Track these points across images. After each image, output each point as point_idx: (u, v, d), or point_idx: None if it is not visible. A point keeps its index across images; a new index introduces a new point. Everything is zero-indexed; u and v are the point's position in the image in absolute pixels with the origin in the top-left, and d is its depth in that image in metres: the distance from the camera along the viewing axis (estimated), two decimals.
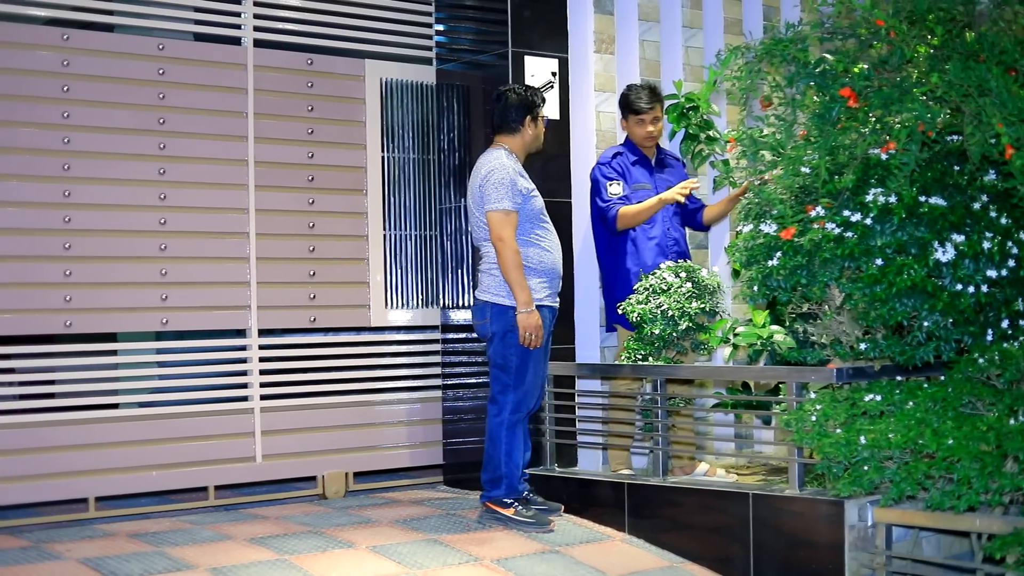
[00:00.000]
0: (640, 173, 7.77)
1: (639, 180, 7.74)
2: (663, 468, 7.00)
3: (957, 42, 6.08)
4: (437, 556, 6.20)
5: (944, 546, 6.31)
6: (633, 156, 7.80)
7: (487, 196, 6.75)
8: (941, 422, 5.78)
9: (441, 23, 8.32)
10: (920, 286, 5.88)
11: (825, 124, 6.13)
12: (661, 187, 7.76)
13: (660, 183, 7.78)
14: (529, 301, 6.74)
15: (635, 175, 7.75)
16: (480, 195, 6.80)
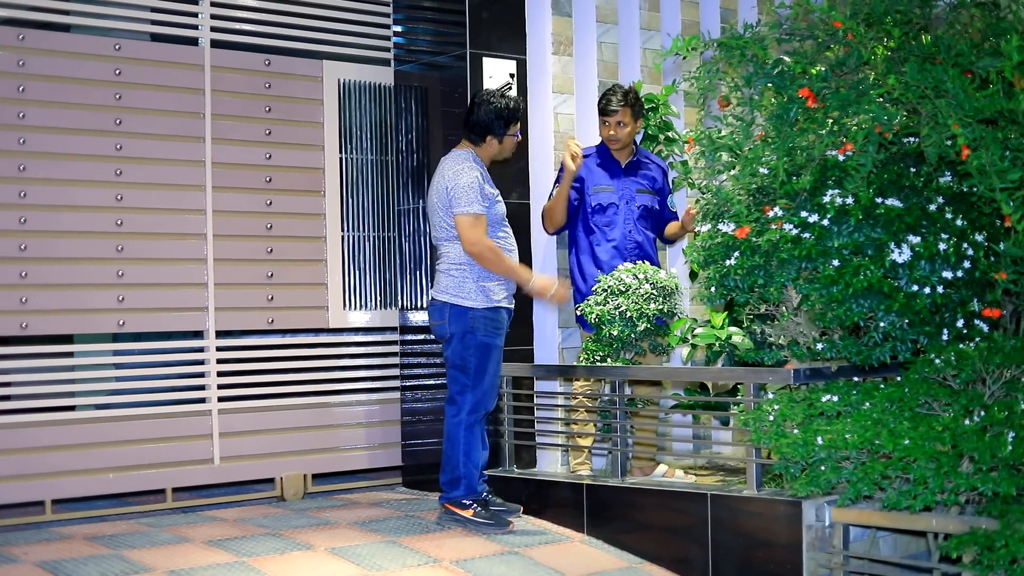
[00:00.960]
0: (602, 176, 7.78)
1: (600, 182, 7.75)
2: (622, 469, 7.01)
3: (914, 44, 6.11)
4: (396, 558, 6.19)
5: (901, 546, 6.34)
6: (599, 158, 7.82)
7: (456, 199, 6.75)
8: (897, 422, 5.81)
9: (399, 24, 8.31)
10: (876, 287, 5.91)
11: (783, 125, 6.16)
12: (629, 189, 7.78)
13: (627, 185, 7.79)
14: (529, 275, 6.96)
15: (596, 177, 7.76)
16: (447, 198, 6.79)
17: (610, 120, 7.73)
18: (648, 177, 7.92)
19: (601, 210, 7.74)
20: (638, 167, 7.91)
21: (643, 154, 7.99)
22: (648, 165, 7.98)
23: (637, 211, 7.80)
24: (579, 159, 7.63)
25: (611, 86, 7.89)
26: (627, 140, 7.82)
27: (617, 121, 7.73)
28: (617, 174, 7.82)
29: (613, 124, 7.74)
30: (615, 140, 7.79)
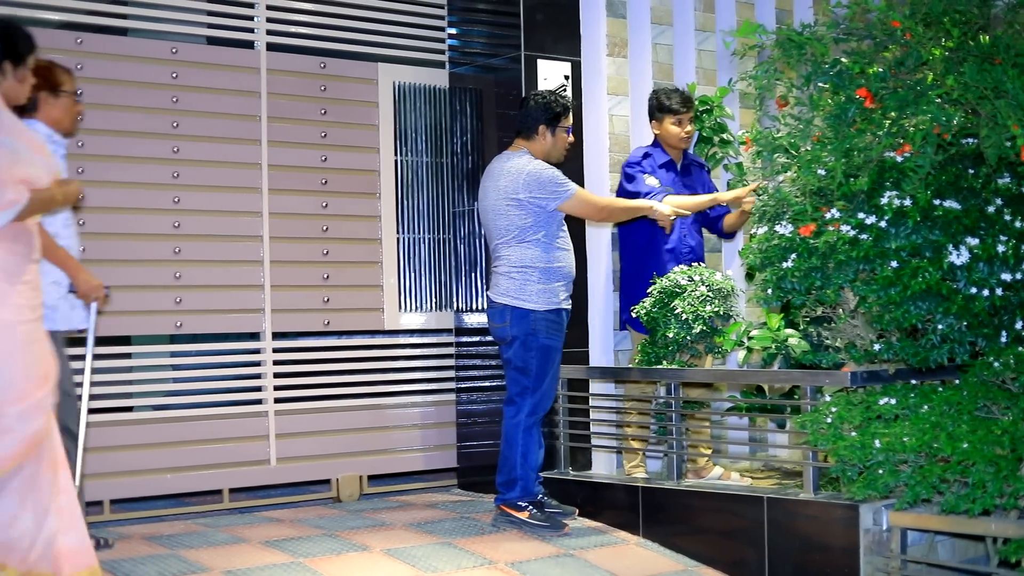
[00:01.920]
0: (665, 176, 7.75)
1: (664, 184, 7.72)
2: (677, 472, 7.00)
3: (972, 44, 6.06)
4: (451, 559, 6.20)
5: (959, 550, 6.29)
6: (661, 159, 7.78)
7: (553, 193, 6.75)
8: (956, 426, 5.76)
9: (454, 27, 8.33)
10: (935, 289, 5.87)
11: (841, 125, 6.12)
12: (684, 192, 7.75)
13: (683, 188, 7.77)
14: (649, 203, 7.17)
15: (660, 178, 7.73)
16: (529, 199, 6.75)
17: (683, 117, 7.71)
18: (698, 179, 7.90)
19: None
20: (689, 169, 7.89)
21: (688, 155, 7.97)
22: (695, 167, 7.95)
23: (692, 214, 7.77)
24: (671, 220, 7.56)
25: (662, 89, 7.87)
26: (691, 138, 7.82)
27: (690, 118, 7.72)
28: (675, 176, 7.78)
29: (687, 121, 7.72)
30: (688, 138, 7.79)
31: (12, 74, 5.13)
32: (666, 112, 7.73)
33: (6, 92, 5.10)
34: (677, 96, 7.73)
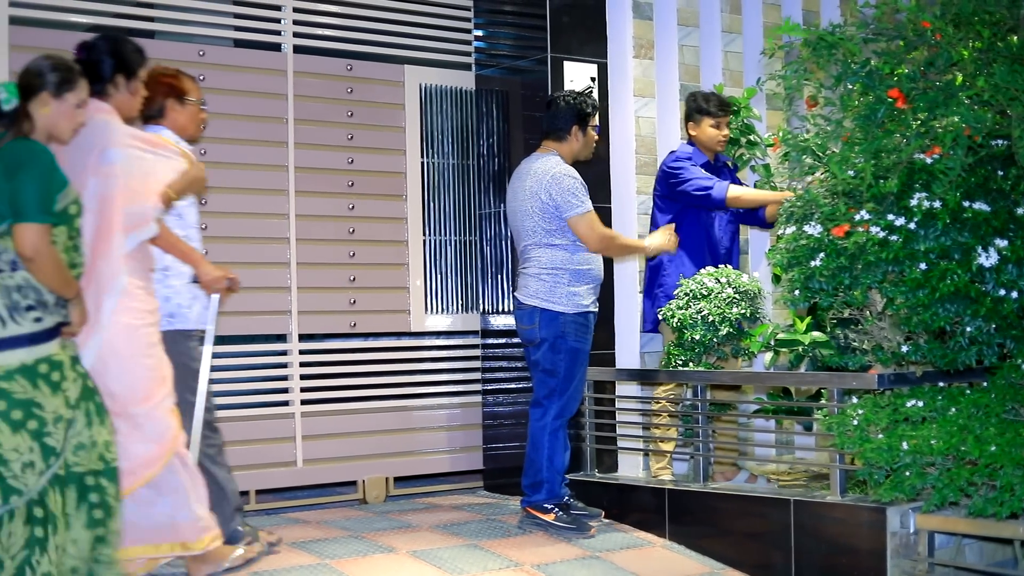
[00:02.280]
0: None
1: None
2: (704, 474, 6.99)
3: (1002, 45, 6.04)
4: (478, 561, 6.20)
5: (987, 553, 6.27)
6: (700, 159, 7.74)
7: (567, 203, 6.75)
8: (984, 428, 5.74)
9: (480, 28, 8.33)
10: (963, 291, 5.85)
11: (870, 126, 6.09)
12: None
13: None
14: (642, 243, 7.30)
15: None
16: (551, 202, 6.77)
17: (722, 121, 7.70)
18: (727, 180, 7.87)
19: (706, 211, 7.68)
20: (721, 170, 7.87)
21: (719, 156, 7.94)
22: (725, 168, 7.93)
23: (727, 215, 7.76)
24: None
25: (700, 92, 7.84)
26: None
27: (727, 122, 7.71)
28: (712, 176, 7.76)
29: (724, 124, 7.71)
30: (724, 141, 7.79)
31: (125, 87, 5.49)
32: (705, 115, 7.70)
33: (119, 105, 5.46)
34: (715, 99, 7.72)
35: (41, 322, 4.63)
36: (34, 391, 4.58)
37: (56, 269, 4.62)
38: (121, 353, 5.27)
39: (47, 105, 4.78)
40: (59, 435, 4.64)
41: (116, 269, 5.26)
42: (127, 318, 5.29)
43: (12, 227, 4.55)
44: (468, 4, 8.33)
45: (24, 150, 4.64)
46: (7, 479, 4.50)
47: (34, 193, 4.55)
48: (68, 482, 4.71)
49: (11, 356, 4.56)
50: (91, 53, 5.46)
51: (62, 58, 4.90)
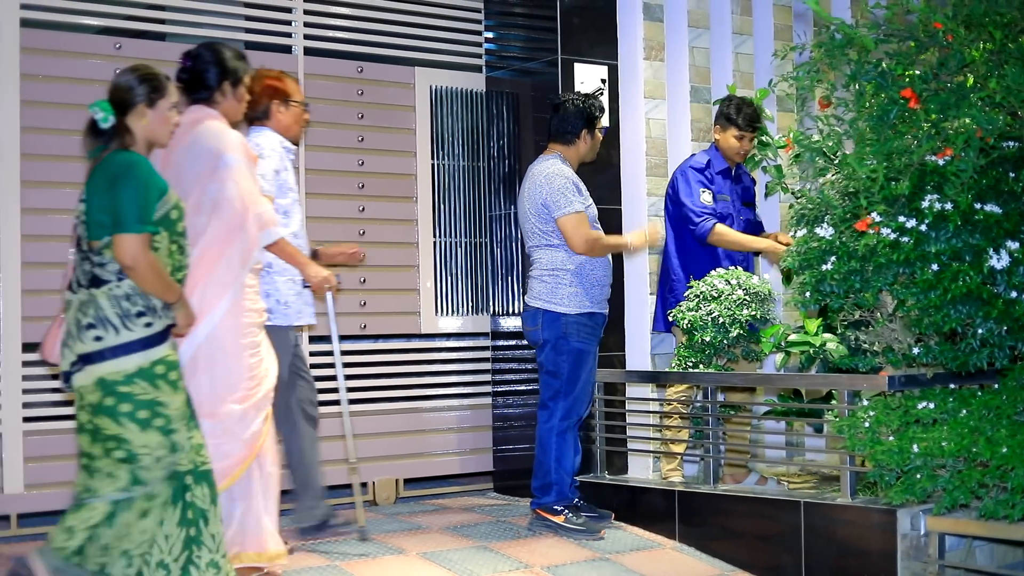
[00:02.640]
0: (724, 184, 7.73)
1: (722, 191, 7.69)
2: (714, 476, 6.98)
3: (1013, 47, 6.03)
4: (487, 563, 6.20)
5: (998, 555, 6.26)
6: (720, 165, 7.74)
7: (555, 203, 6.76)
8: (995, 430, 5.74)
9: (491, 31, 8.34)
10: (975, 293, 5.84)
11: (883, 127, 6.08)
12: (737, 201, 7.74)
13: (736, 196, 7.78)
14: (625, 240, 7.13)
15: (719, 185, 7.69)
16: (541, 204, 6.80)
17: (748, 135, 7.68)
18: (748, 190, 7.88)
19: (720, 219, 7.66)
20: (741, 179, 7.87)
21: (740, 167, 7.93)
22: (745, 177, 7.93)
23: (743, 223, 7.75)
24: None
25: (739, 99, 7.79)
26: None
27: (752, 138, 7.69)
28: (731, 184, 7.76)
29: (749, 139, 7.69)
30: (745, 155, 7.77)
31: (231, 94, 5.75)
32: (732, 124, 7.68)
33: (225, 111, 5.74)
34: (747, 114, 7.67)
35: (152, 327, 4.85)
36: (155, 391, 4.83)
37: (156, 276, 4.83)
38: (227, 349, 5.48)
39: (144, 116, 4.99)
40: (182, 432, 4.92)
41: (234, 270, 5.49)
42: (237, 317, 5.50)
43: (113, 237, 4.78)
44: (479, 6, 8.33)
45: (123, 162, 4.86)
46: (138, 471, 4.82)
47: (132, 204, 4.77)
48: (202, 478, 5.01)
49: (127, 361, 4.79)
50: (197, 62, 5.72)
51: (146, 67, 5.09)
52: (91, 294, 4.82)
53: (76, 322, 4.83)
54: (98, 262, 4.82)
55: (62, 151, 6.77)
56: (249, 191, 5.52)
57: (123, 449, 4.80)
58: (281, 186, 6.31)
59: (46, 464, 6.67)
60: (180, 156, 5.53)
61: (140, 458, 4.80)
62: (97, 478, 4.84)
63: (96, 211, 4.82)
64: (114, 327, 4.79)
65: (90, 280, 4.83)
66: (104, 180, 4.83)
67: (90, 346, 4.79)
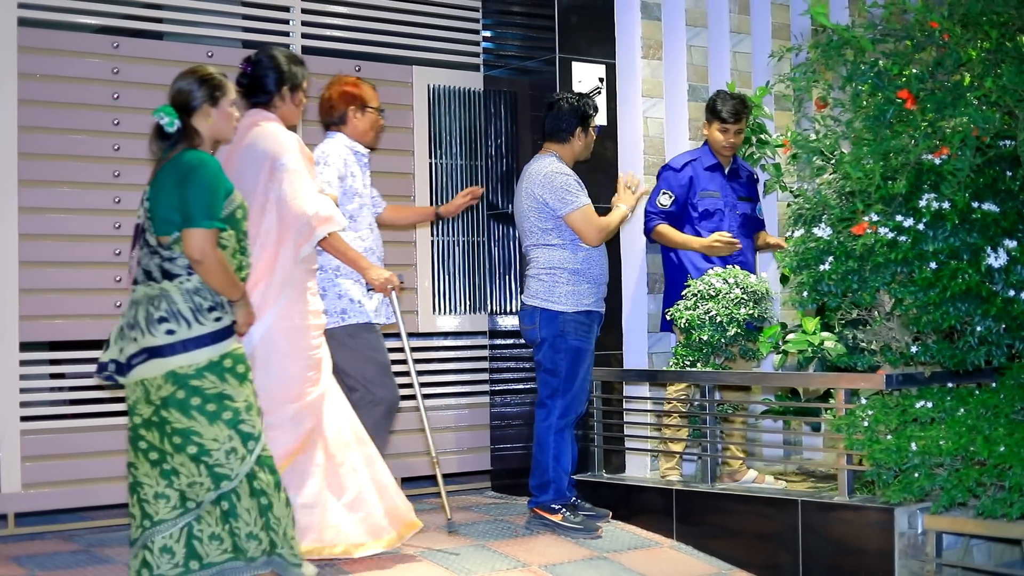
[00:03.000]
0: (711, 180, 7.70)
1: (708, 187, 7.67)
2: (712, 474, 6.98)
3: (1010, 46, 6.03)
4: (485, 562, 6.20)
5: (995, 554, 6.26)
6: (709, 161, 7.74)
7: (562, 200, 6.77)
8: (992, 429, 5.74)
9: (488, 29, 8.33)
10: (973, 291, 5.84)
11: (879, 127, 6.09)
12: (731, 196, 7.72)
13: (730, 192, 7.74)
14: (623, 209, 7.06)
15: (704, 182, 7.68)
16: (545, 202, 6.80)
17: (732, 128, 7.66)
18: (745, 184, 7.86)
19: (708, 216, 7.65)
20: (737, 174, 7.85)
21: (739, 161, 7.93)
22: (743, 172, 7.91)
23: (739, 218, 7.74)
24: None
25: (724, 92, 7.79)
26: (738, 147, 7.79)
27: (738, 130, 7.67)
28: (722, 180, 7.74)
29: (734, 132, 7.67)
30: (732, 148, 7.74)
31: (289, 99, 6.01)
32: (716, 118, 7.69)
33: (283, 116, 5.99)
34: (731, 104, 7.66)
35: (221, 320, 5.04)
36: (223, 384, 5.01)
37: (222, 271, 5.02)
38: (281, 350, 5.68)
39: (209, 116, 5.22)
40: (253, 421, 5.08)
41: (287, 269, 5.69)
42: (291, 319, 5.71)
43: (182, 232, 4.96)
44: (476, 5, 8.33)
45: (192, 160, 5.04)
46: (214, 467, 4.98)
47: (202, 200, 4.96)
48: (266, 462, 5.13)
49: (199, 355, 4.97)
50: (257, 68, 5.98)
51: (203, 68, 5.32)
52: (162, 288, 5.00)
53: (146, 315, 4.98)
54: (168, 256, 5.01)
55: (59, 150, 6.77)
56: (299, 192, 5.68)
57: (194, 444, 4.97)
58: (347, 191, 6.46)
59: (43, 463, 6.67)
60: (239, 159, 5.78)
61: (211, 453, 4.98)
62: (192, 490, 5.02)
63: (164, 208, 5.00)
64: (186, 321, 4.96)
65: (161, 273, 5.01)
66: (173, 178, 5.01)
67: (162, 339, 4.95)
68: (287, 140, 5.79)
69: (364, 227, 6.51)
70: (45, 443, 6.69)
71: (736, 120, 7.65)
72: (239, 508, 5.04)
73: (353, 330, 6.32)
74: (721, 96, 7.72)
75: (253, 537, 5.07)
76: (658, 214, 7.64)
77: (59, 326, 6.79)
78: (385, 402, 6.42)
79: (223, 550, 5.10)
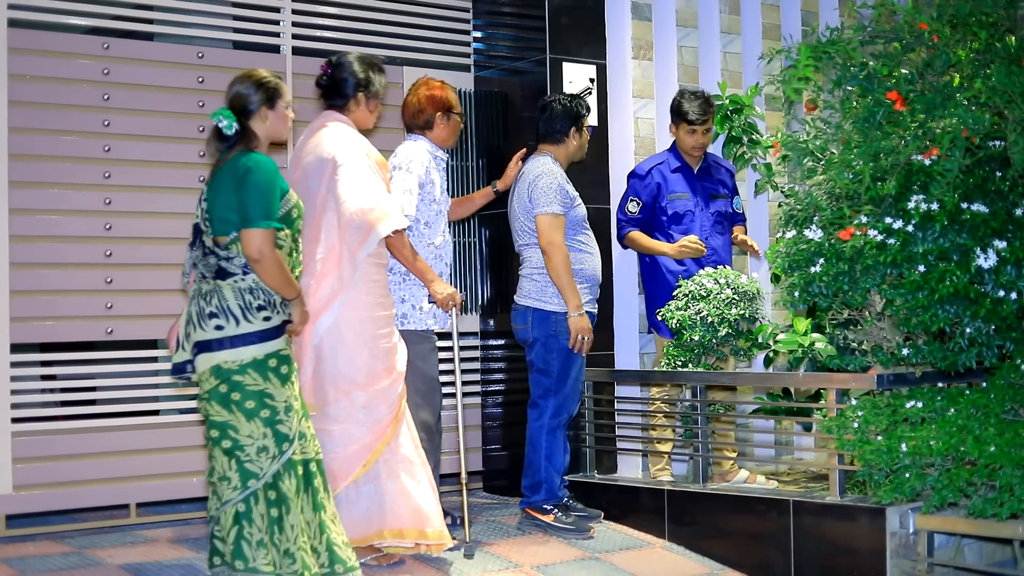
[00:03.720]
0: (678, 182, 7.69)
1: (676, 190, 7.66)
2: (703, 475, 6.99)
3: (999, 46, 6.04)
4: (477, 562, 6.20)
5: (986, 553, 6.27)
6: (675, 163, 7.73)
7: (536, 201, 6.78)
8: (983, 429, 5.75)
9: (479, 30, 8.33)
10: (962, 292, 5.85)
11: (869, 128, 6.10)
12: (703, 195, 7.71)
13: (702, 191, 7.72)
14: (579, 305, 6.83)
15: (672, 184, 7.67)
16: (528, 200, 6.83)
17: (698, 128, 7.63)
18: (719, 181, 7.84)
19: (678, 218, 7.65)
20: (709, 172, 7.82)
21: (711, 158, 7.91)
22: (717, 169, 7.88)
23: (712, 217, 7.73)
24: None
25: (688, 92, 7.75)
26: (708, 145, 7.76)
27: (706, 129, 7.66)
28: (691, 180, 7.73)
29: (702, 132, 7.65)
30: (701, 148, 7.72)
31: (364, 104, 6.18)
32: (682, 120, 7.68)
33: (356, 119, 6.16)
34: (697, 105, 7.62)
35: (270, 320, 5.14)
36: (265, 383, 5.10)
37: (279, 270, 5.13)
38: (347, 341, 5.85)
39: (267, 118, 5.33)
40: (291, 423, 5.16)
41: (348, 264, 5.83)
42: (356, 311, 5.85)
43: (240, 232, 5.07)
44: (467, 5, 8.32)
45: (249, 162, 5.15)
46: (244, 463, 5.07)
47: (259, 200, 5.07)
48: (295, 466, 5.20)
49: (244, 352, 5.08)
50: (336, 71, 6.16)
51: (258, 72, 5.40)
52: (216, 285, 5.12)
53: (199, 311, 5.12)
54: (225, 256, 5.12)
55: (49, 151, 6.75)
56: (354, 190, 5.81)
57: (228, 438, 5.09)
58: (425, 198, 6.55)
59: (35, 465, 6.65)
60: (308, 159, 6.00)
61: (244, 448, 5.07)
62: (220, 485, 5.13)
63: (222, 208, 5.12)
64: (235, 318, 5.08)
65: (215, 272, 5.13)
66: (231, 180, 5.12)
67: (211, 334, 5.08)
68: (351, 142, 5.94)
69: (439, 233, 6.63)
70: (36, 445, 6.67)
71: (703, 120, 7.63)
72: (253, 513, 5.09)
73: (408, 336, 6.39)
74: (686, 97, 7.69)
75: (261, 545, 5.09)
76: (628, 221, 7.65)
77: (50, 327, 6.78)
78: (418, 420, 6.39)
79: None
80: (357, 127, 6.12)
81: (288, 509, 5.13)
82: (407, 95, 6.84)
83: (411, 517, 5.94)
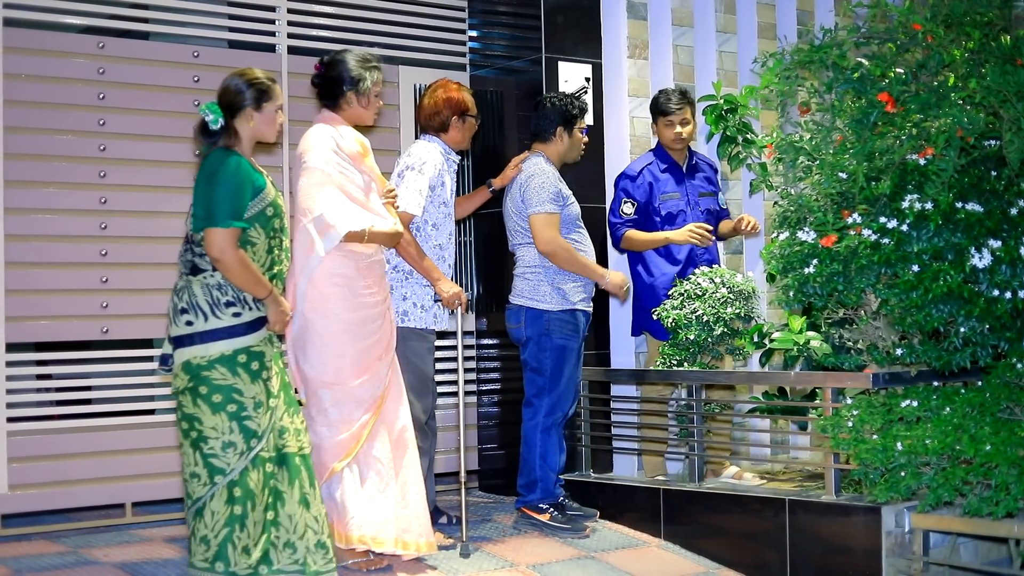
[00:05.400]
0: (668, 182, 7.69)
1: (666, 190, 7.65)
2: (698, 474, 6.99)
3: (994, 46, 6.05)
4: (472, 562, 6.20)
5: (982, 552, 6.28)
6: (663, 164, 7.72)
7: (529, 200, 6.79)
8: (978, 428, 5.75)
9: (475, 29, 8.33)
10: (956, 292, 5.86)
11: (863, 129, 6.10)
12: (692, 193, 7.71)
13: (691, 189, 7.72)
14: (603, 272, 6.99)
15: (663, 184, 7.67)
16: (521, 200, 6.84)
17: (675, 118, 7.61)
18: (705, 178, 7.84)
19: (671, 218, 7.64)
20: (696, 169, 7.83)
21: (695, 155, 7.91)
22: (702, 165, 7.89)
23: (703, 215, 7.72)
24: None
25: (663, 89, 7.80)
26: (690, 139, 7.75)
27: (682, 119, 7.63)
28: (680, 179, 7.72)
29: (679, 121, 7.62)
30: (683, 140, 7.70)
31: (356, 101, 6.11)
32: (659, 114, 7.69)
33: (350, 117, 6.13)
34: (671, 96, 7.66)
35: (240, 316, 5.16)
36: (234, 378, 5.11)
37: (243, 270, 5.12)
38: (316, 331, 5.80)
39: (251, 119, 5.35)
40: (260, 419, 5.18)
41: (301, 260, 5.76)
42: (319, 307, 5.79)
43: (204, 231, 5.10)
44: (462, 4, 8.32)
45: (220, 160, 5.18)
46: (209, 457, 5.08)
47: (224, 199, 5.09)
48: (281, 462, 5.27)
49: (212, 348, 5.10)
50: (328, 69, 6.13)
51: (253, 72, 5.42)
52: (188, 281, 5.17)
53: (173, 306, 5.19)
54: (198, 252, 5.17)
55: (45, 151, 6.75)
56: (308, 192, 5.81)
57: (195, 430, 5.09)
58: (435, 200, 6.58)
59: (30, 464, 6.65)
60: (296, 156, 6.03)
61: (209, 441, 5.07)
62: (191, 482, 5.12)
63: (196, 205, 5.17)
64: (204, 313, 5.11)
65: (189, 268, 5.18)
66: (204, 176, 5.16)
67: (182, 329, 5.13)
68: (318, 140, 5.93)
69: (445, 235, 6.67)
70: (32, 444, 6.67)
71: (680, 108, 7.62)
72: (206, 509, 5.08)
73: (407, 333, 6.44)
74: (662, 93, 7.74)
75: (204, 541, 5.09)
76: (624, 223, 7.63)
77: (45, 327, 6.78)
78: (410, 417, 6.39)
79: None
80: (354, 124, 6.11)
81: (253, 506, 5.13)
82: (423, 97, 6.84)
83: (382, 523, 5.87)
